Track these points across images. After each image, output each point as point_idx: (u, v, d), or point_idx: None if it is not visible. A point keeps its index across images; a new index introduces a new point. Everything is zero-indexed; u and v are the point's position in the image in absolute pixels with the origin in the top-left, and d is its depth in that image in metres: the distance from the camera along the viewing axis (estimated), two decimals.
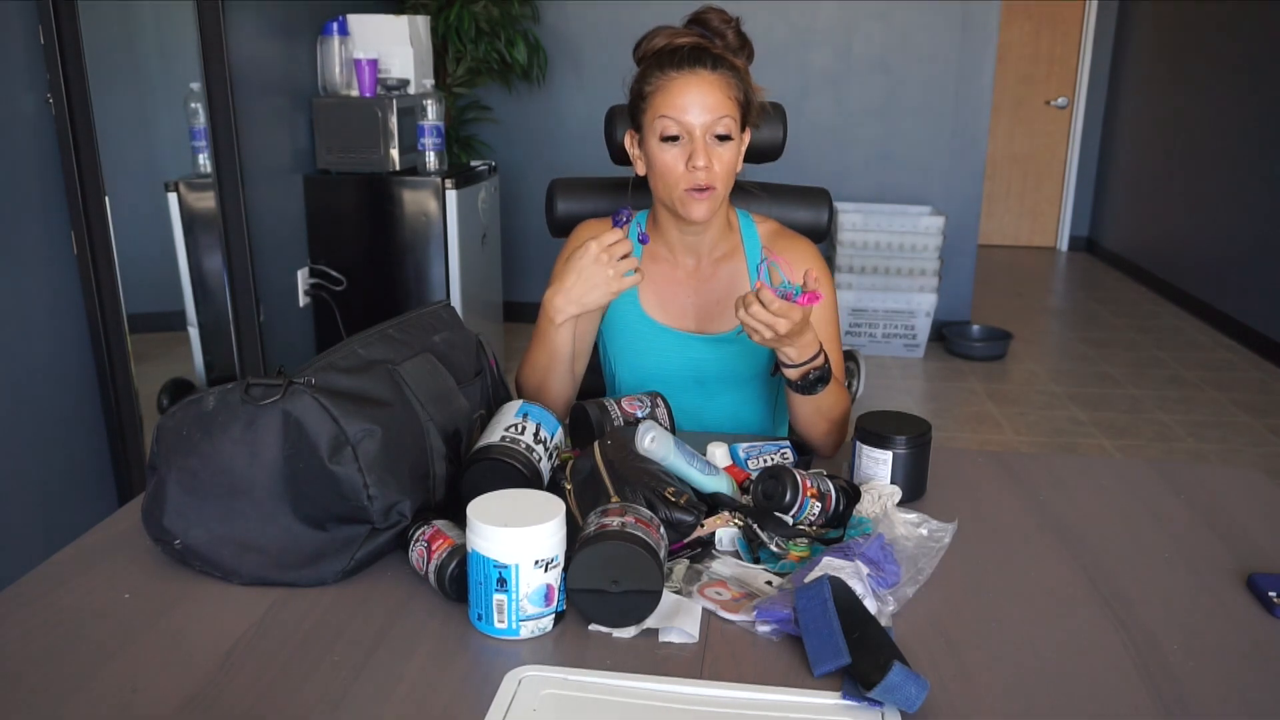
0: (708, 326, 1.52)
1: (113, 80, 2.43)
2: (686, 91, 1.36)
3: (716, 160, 1.37)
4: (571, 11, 4.55)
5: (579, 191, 1.77)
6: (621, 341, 1.55)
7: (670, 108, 1.36)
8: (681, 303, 1.52)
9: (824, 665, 0.86)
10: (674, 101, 1.36)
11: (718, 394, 1.54)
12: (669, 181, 1.39)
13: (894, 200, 4.69)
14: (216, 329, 2.88)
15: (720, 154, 1.38)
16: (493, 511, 0.93)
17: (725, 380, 1.52)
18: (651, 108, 1.38)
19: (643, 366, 1.54)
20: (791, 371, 1.30)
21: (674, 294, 1.53)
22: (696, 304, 1.52)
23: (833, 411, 1.36)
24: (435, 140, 3.44)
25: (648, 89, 1.39)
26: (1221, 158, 5.18)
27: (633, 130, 1.45)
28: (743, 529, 1.08)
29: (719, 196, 1.40)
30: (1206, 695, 0.87)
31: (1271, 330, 4.57)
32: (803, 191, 1.76)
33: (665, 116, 1.36)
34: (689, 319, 1.53)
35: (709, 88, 1.36)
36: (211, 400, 1.04)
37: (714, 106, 1.36)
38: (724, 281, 1.51)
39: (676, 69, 1.37)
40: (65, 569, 1.04)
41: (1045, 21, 6.68)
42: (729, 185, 1.42)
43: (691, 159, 1.36)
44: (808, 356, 1.28)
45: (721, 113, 1.36)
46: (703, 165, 1.36)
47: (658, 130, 1.37)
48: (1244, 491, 1.30)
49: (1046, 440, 3.63)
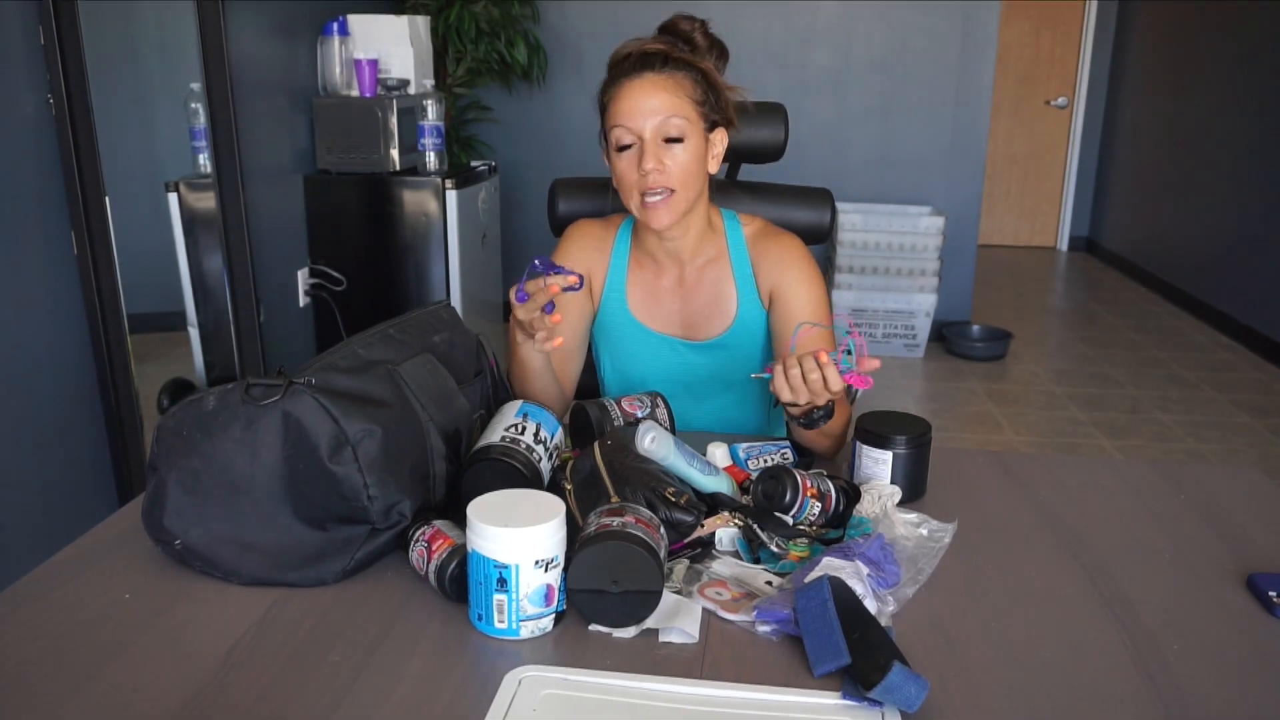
0: (694, 333, 1.51)
1: (113, 80, 2.43)
2: (633, 96, 1.35)
3: (669, 161, 1.35)
4: (571, 11, 4.55)
5: (581, 191, 1.77)
6: (611, 345, 1.55)
7: (620, 115, 1.35)
8: (667, 309, 1.51)
9: (824, 665, 0.86)
10: (622, 108, 1.35)
11: (707, 398, 1.53)
12: (625, 190, 1.38)
13: (894, 200, 4.69)
14: (216, 329, 2.88)
15: (673, 155, 1.35)
16: (493, 511, 0.93)
17: (714, 384, 1.52)
18: (607, 119, 1.38)
19: (631, 371, 1.54)
20: (794, 410, 1.24)
21: (660, 300, 1.51)
22: (682, 310, 1.51)
23: (833, 428, 1.34)
24: (435, 140, 3.44)
25: (604, 100, 1.39)
26: (1221, 157, 5.18)
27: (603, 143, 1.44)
28: (743, 529, 1.08)
29: (680, 201, 1.37)
30: (1206, 695, 0.87)
31: (1271, 330, 4.57)
32: (804, 192, 1.75)
33: (617, 125, 1.36)
34: (675, 325, 1.51)
35: (655, 90, 1.35)
36: (211, 400, 1.04)
37: (660, 108, 1.34)
38: (709, 287, 1.49)
39: (625, 76, 1.36)
40: (65, 569, 1.04)
41: (1045, 21, 6.68)
42: (691, 188, 1.38)
43: (642, 162, 1.34)
44: None
45: (669, 113, 1.34)
46: (650, 167, 1.34)
47: (613, 141, 1.37)
48: (1244, 491, 1.30)
49: (1046, 440, 3.63)
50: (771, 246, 1.48)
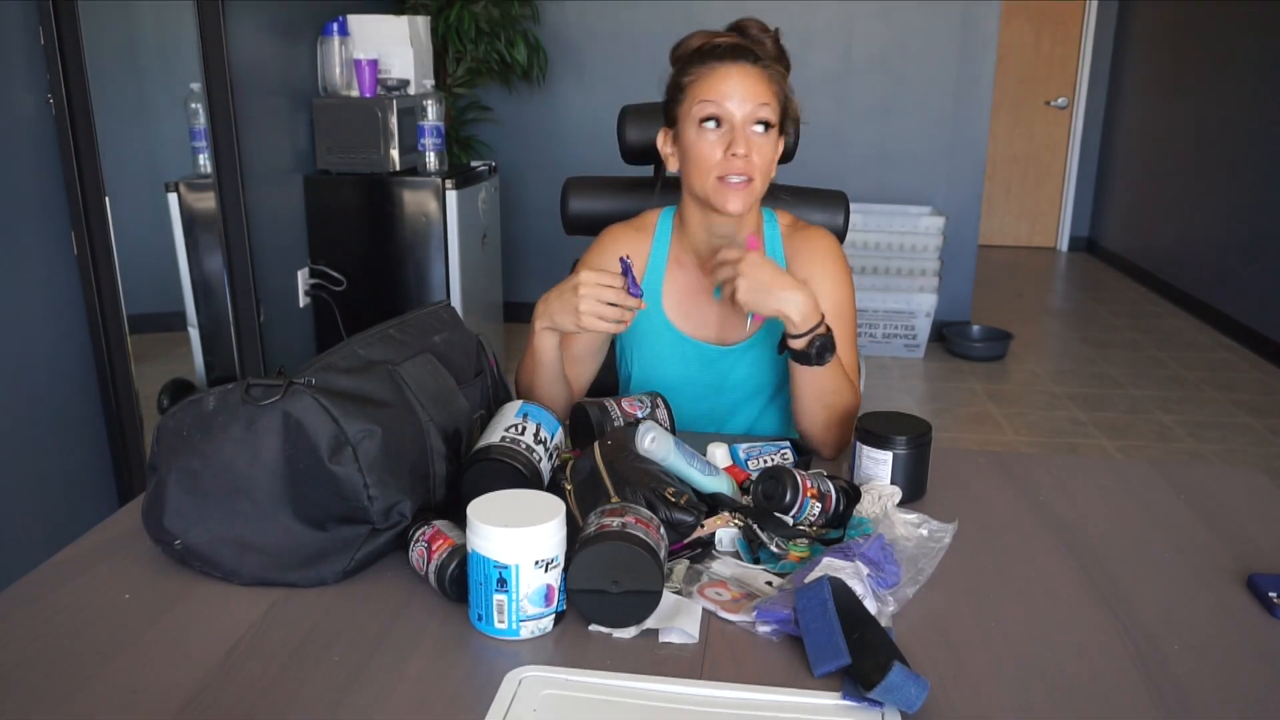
0: (729, 336, 1.50)
1: (113, 80, 2.43)
2: (729, 79, 1.34)
3: (755, 150, 1.35)
4: (571, 11, 4.54)
5: (592, 190, 1.78)
6: (641, 346, 1.54)
7: (711, 93, 1.34)
8: (705, 311, 1.50)
9: (824, 665, 0.86)
10: (715, 87, 1.34)
11: (737, 403, 1.53)
12: (705, 169, 1.36)
13: (894, 200, 4.69)
14: (217, 329, 2.88)
15: (760, 144, 1.35)
16: (493, 512, 0.93)
17: (745, 389, 1.51)
18: (690, 96, 1.36)
19: (662, 374, 1.52)
20: (796, 342, 1.29)
21: (697, 302, 1.50)
22: (720, 313, 1.50)
23: (834, 399, 1.35)
24: (435, 140, 3.44)
25: (686, 80, 1.37)
26: (1221, 158, 5.18)
27: (666, 127, 1.43)
28: (743, 529, 1.08)
29: (755, 191, 1.38)
30: (1206, 695, 0.87)
31: (1271, 330, 4.57)
32: (820, 194, 1.74)
33: (705, 100, 1.35)
34: (710, 329, 1.51)
35: (752, 79, 1.35)
36: (211, 401, 1.04)
37: (756, 95, 1.34)
38: None
39: (719, 59, 1.36)
40: (65, 569, 1.04)
41: (1045, 21, 6.68)
42: (766, 183, 1.39)
43: (731, 146, 1.34)
44: (811, 324, 1.28)
45: (765, 99, 1.35)
46: (742, 152, 1.34)
47: (695, 116, 1.35)
48: (1244, 491, 1.29)
49: (1046, 440, 3.63)
50: (806, 241, 1.50)
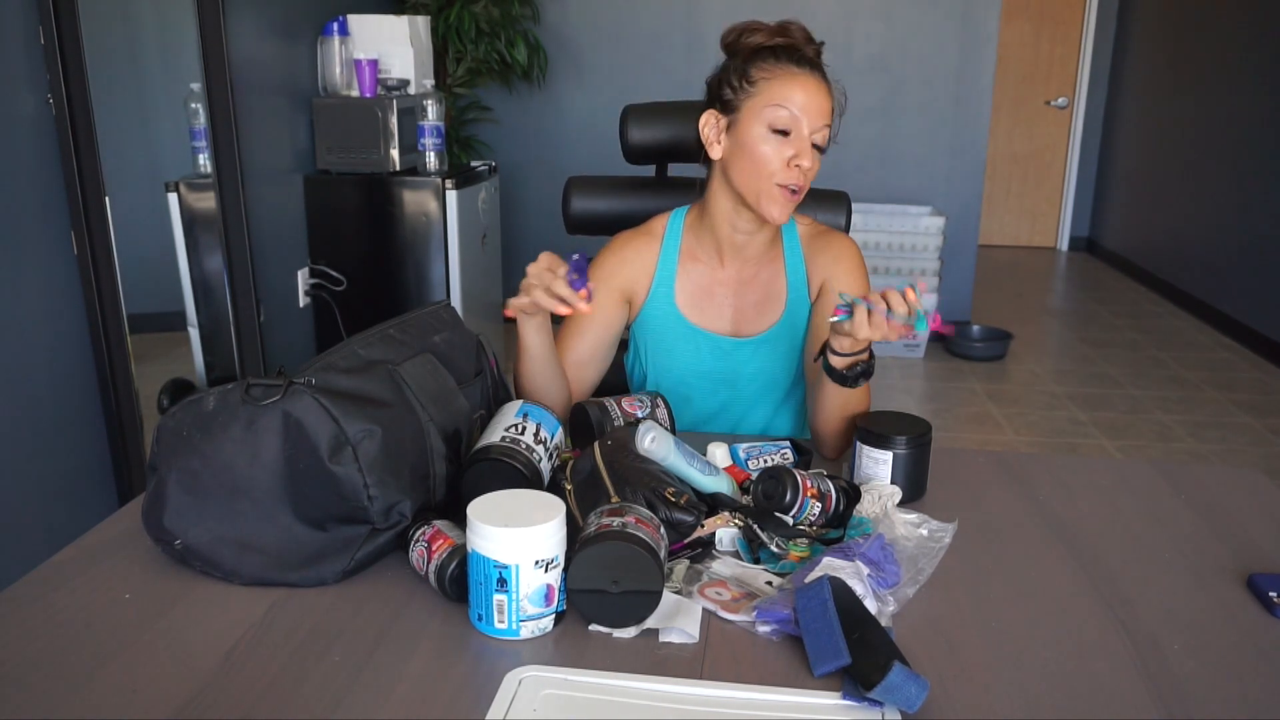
0: (743, 329, 1.51)
1: (113, 80, 2.43)
2: (809, 90, 1.35)
3: (813, 166, 1.38)
4: (571, 11, 4.54)
5: (594, 190, 1.80)
6: (654, 341, 1.54)
7: (790, 101, 1.35)
8: (719, 305, 1.51)
9: (824, 665, 0.86)
10: (795, 96, 1.35)
11: (750, 397, 1.53)
12: (763, 173, 1.37)
13: (894, 200, 4.69)
14: (217, 329, 2.88)
15: (816, 160, 1.38)
16: (493, 511, 0.93)
17: (758, 383, 1.52)
18: (764, 94, 1.36)
19: (675, 367, 1.53)
20: (839, 360, 1.29)
21: (711, 295, 1.51)
22: (735, 307, 1.51)
23: (855, 409, 1.36)
24: (435, 140, 3.44)
25: (760, 75, 1.37)
26: (1221, 157, 5.18)
27: (719, 113, 1.41)
28: (743, 529, 1.08)
29: (797, 202, 1.41)
30: (1206, 695, 0.87)
31: (1271, 330, 4.57)
32: (822, 194, 1.74)
33: (782, 107, 1.35)
34: (725, 322, 1.51)
35: (824, 93, 1.37)
36: (211, 400, 1.04)
37: (825, 112, 1.37)
38: (763, 285, 1.50)
39: (798, 65, 1.36)
40: (65, 569, 1.04)
41: (1045, 21, 6.68)
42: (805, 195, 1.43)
43: (796, 157, 1.35)
44: (859, 348, 1.28)
45: (827, 121, 1.37)
46: (808, 166, 1.36)
47: (766, 119, 1.35)
48: (1244, 491, 1.29)
49: (1046, 440, 3.63)
50: (827, 245, 1.51)
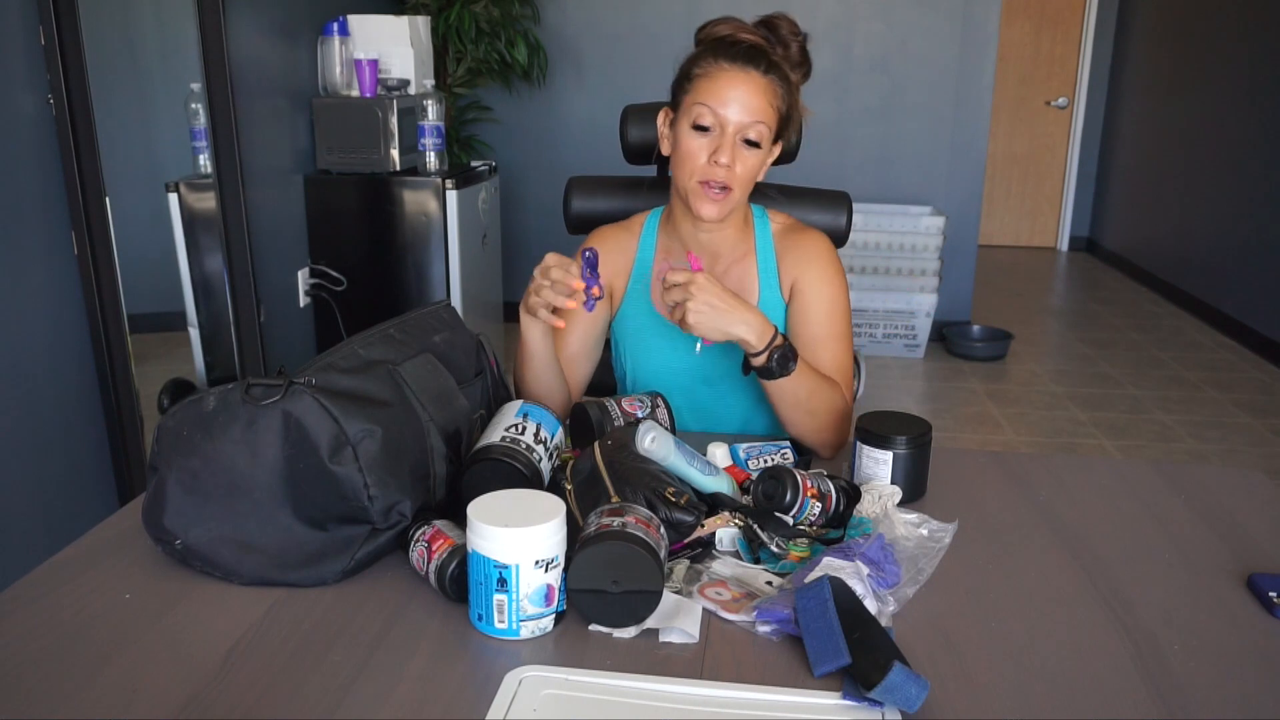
0: None
1: (113, 80, 2.43)
2: (732, 86, 1.34)
3: (740, 162, 1.36)
4: (571, 11, 4.54)
5: (595, 190, 1.79)
6: (633, 339, 1.55)
7: (711, 96, 1.35)
8: None
9: (824, 665, 0.86)
10: (717, 92, 1.35)
11: (727, 394, 1.53)
12: (687, 169, 1.38)
13: (894, 200, 4.69)
14: (217, 329, 2.88)
15: (745, 158, 1.36)
16: (493, 511, 0.93)
17: (734, 381, 1.52)
18: (693, 91, 1.37)
19: (652, 365, 1.53)
20: (756, 359, 1.30)
21: None
22: None
23: (814, 403, 1.35)
24: (435, 140, 3.44)
25: (696, 71, 1.38)
26: (1221, 157, 5.18)
27: (669, 108, 1.43)
28: (743, 529, 1.08)
29: (734, 201, 1.39)
30: (1206, 695, 0.87)
31: (1271, 330, 4.57)
32: (822, 194, 1.74)
33: (703, 104, 1.35)
34: None
35: (754, 90, 1.35)
36: (212, 400, 1.04)
37: (754, 109, 1.35)
38: (734, 282, 1.50)
39: (730, 60, 1.35)
40: (65, 569, 1.04)
41: (1045, 21, 6.68)
42: (746, 192, 1.41)
43: (716, 153, 1.35)
44: (766, 339, 1.28)
45: (758, 118, 1.35)
46: (725, 162, 1.35)
47: (692, 116, 1.36)
48: (1244, 491, 1.29)
49: (1046, 440, 3.63)
50: (797, 242, 1.50)
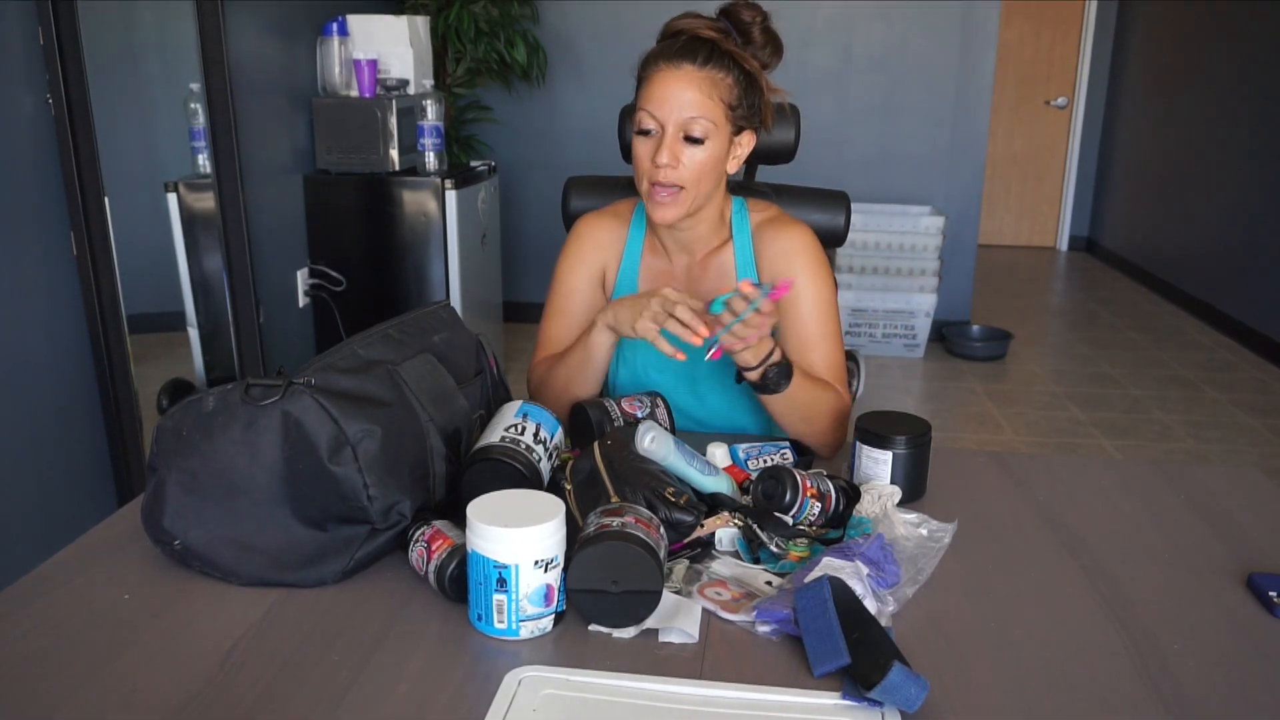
0: None
1: (113, 80, 2.43)
2: (664, 85, 1.33)
3: (685, 159, 1.33)
4: (571, 11, 4.54)
5: (595, 190, 1.78)
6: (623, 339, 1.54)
7: (647, 100, 1.34)
8: None
9: (824, 665, 0.86)
10: (653, 94, 1.33)
11: (710, 394, 1.52)
12: (638, 173, 1.38)
13: (894, 200, 4.69)
14: (216, 329, 2.88)
15: (690, 154, 1.33)
16: (493, 512, 0.93)
17: (717, 380, 1.51)
18: (638, 97, 1.36)
19: (636, 362, 1.53)
20: (751, 374, 1.28)
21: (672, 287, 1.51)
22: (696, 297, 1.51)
23: (811, 410, 1.34)
24: (435, 140, 3.44)
25: (640, 76, 1.37)
26: (1221, 158, 5.18)
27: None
28: (743, 529, 1.08)
29: (687, 199, 1.36)
30: (1206, 695, 0.87)
31: (1271, 330, 4.57)
32: (821, 194, 1.73)
33: (642, 108, 1.34)
34: None
35: (689, 85, 1.32)
36: (211, 401, 1.04)
37: (689, 105, 1.32)
38: (712, 277, 1.48)
39: (666, 60, 1.34)
40: (65, 569, 1.04)
41: (1045, 21, 6.68)
42: (703, 187, 1.37)
43: (656, 154, 1.33)
44: (762, 357, 1.27)
45: (696, 112, 1.32)
46: (664, 162, 1.32)
47: (636, 121, 1.36)
48: (1244, 491, 1.29)
49: (1046, 440, 3.63)
50: (777, 235, 1.46)
